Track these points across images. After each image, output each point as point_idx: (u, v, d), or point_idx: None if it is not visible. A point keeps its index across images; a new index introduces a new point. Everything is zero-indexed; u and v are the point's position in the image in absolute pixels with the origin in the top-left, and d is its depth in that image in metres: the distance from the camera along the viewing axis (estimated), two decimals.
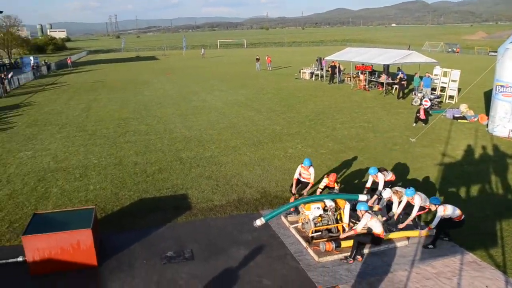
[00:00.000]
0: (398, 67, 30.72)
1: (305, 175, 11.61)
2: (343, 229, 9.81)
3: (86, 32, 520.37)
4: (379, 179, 11.13)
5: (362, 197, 9.88)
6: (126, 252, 9.59)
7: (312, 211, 9.80)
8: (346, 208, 9.93)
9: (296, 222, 10.44)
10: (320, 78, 38.75)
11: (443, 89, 27.74)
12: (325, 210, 9.95)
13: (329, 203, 9.96)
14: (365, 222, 9.02)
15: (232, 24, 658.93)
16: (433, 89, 27.64)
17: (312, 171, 11.46)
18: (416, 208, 9.81)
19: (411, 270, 8.70)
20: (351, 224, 9.84)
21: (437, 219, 9.38)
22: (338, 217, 10.02)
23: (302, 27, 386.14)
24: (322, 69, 39.25)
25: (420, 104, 23.26)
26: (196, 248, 9.75)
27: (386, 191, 10.45)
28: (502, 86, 18.15)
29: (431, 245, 9.52)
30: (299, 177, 11.70)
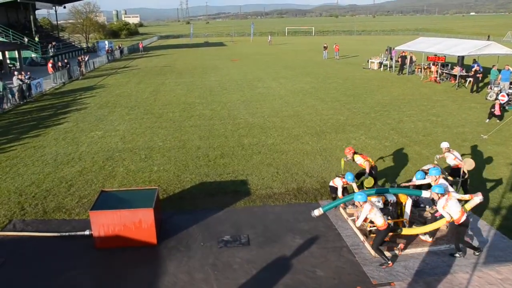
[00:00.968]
0: (474, 59, 29.02)
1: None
2: (403, 225, 9.49)
3: (158, 18, 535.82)
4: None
5: (426, 194, 9.49)
6: (185, 233, 9.84)
7: None
8: (408, 203, 9.56)
9: (354, 215, 10.22)
10: (389, 69, 37.52)
11: None
12: (385, 204, 9.65)
13: (390, 197, 9.66)
14: (365, 215, 8.55)
15: (301, 11, 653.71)
16: None
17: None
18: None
19: (473, 273, 8.23)
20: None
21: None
22: (399, 212, 9.70)
23: (373, 15, 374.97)
24: (392, 59, 37.98)
25: (496, 99, 21.84)
26: (252, 233, 9.82)
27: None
28: None
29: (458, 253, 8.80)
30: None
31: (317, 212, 9.45)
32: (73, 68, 36.91)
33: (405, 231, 9.07)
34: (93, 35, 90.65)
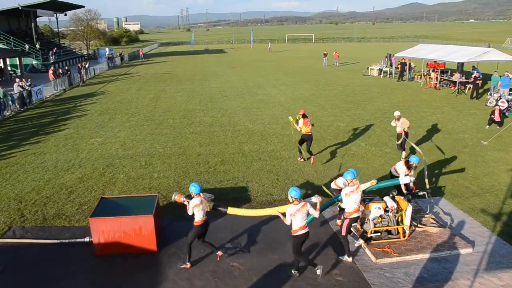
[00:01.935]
0: (473, 66, 29.10)
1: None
2: (404, 232, 9.47)
3: (159, 25, 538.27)
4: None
5: (404, 180, 10.07)
6: (185, 240, 9.80)
7: (372, 211, 9.53)
8: (408, 210, 9.55)
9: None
10: (388, 75, 37.59)
11: None
12: (386, 210, 9.64)
13: (391, 203, 9.64)
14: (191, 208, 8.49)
15: (301, 19, 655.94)
16: None
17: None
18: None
19: (474, 279, 8.20)
20: (413, 227, 9.44)
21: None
22: (400, 219, 9.68)
23: (372, 22, 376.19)
24: (392, 66, 38.07)
25: (496, 105, 21.88)
26: (252, 240, 9.81)
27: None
28: None
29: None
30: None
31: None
32: (73, 75, 37.02)
33: (230, 210, 9.17)
34: (94, 42, 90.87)
